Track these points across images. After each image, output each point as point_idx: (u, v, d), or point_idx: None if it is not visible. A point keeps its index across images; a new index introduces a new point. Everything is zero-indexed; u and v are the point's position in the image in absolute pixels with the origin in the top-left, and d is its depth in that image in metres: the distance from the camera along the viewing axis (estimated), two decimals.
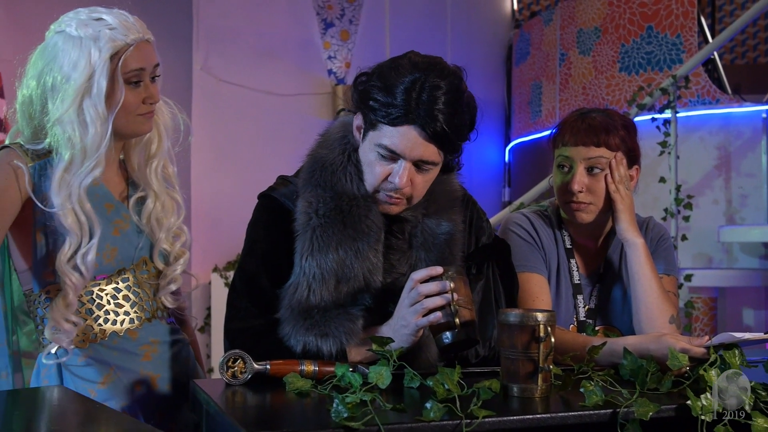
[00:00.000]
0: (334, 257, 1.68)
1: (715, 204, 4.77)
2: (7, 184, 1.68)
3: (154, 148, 1.88)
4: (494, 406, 1.36)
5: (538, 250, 2.04)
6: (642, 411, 1.38)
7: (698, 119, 4.87)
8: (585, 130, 2.01)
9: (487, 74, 6.53)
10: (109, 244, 1.76)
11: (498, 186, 6.55)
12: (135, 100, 1.74)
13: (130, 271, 1.81)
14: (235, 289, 1.77)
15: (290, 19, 5.85)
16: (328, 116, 5.85)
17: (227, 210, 5.31)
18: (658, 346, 1.68)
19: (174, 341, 1.87)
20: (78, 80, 1.67)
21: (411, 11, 6.28)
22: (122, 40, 1.69)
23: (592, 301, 2.07)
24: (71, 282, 1.68)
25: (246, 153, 5.54)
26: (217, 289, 5.26)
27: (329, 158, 1.74)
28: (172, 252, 1.88)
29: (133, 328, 1.79)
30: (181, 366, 1.87)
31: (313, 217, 1.69)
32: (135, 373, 1.78)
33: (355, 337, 1.67)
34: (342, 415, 1.27)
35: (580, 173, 2.00)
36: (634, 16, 5.24)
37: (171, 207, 1.89)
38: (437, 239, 1.77)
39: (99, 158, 1.70)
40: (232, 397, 1.50)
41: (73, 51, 1.68)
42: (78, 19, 1.70)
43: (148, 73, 1.75)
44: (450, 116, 1.62)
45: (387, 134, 1.64)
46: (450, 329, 1.57)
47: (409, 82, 1.61)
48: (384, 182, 1.69)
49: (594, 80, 5.45)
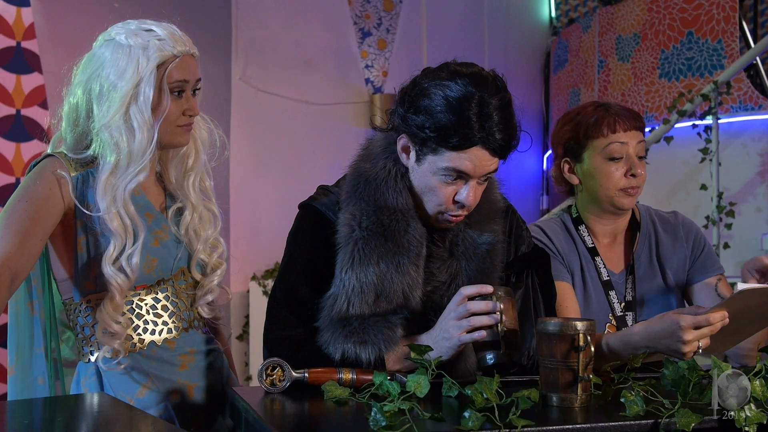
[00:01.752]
0: (374, 270, 1.68)
1: (758, 211, 4.69)
2: (49, 193, 1.71)
3: (191, 162, 1.91)
4: (533, 415, 1.35)
5: (555, 257, 2.05)
6: (684, 422, 1.36)
7: (740, 125, 4.80)
8: (630, 117, 2.07)
9: (524, 82, 6.50)
10: (149, 255, 1.78)
11: (536, 194, 6.51)
12: (176, 111, 1.77)
13: (169, 281, 1.83)
14: (274, 298, 1.78)
15: (328, 28, 5.89)
16: (366, 125, 5.86)
17: (266, 219, 5.35)
18: (664, 324, 1.68)
19: (209, 351, 1.89)
20: (125, 87, 1.70)
21: (448, 19, 6.27)
22: (170, 51, 1.73)
23: (629, 294, 2.07)
24: (117, 284, 1.71)
25: (284, 162, 5.58)
26: (256, 298, 5.30)
27: (372, 172, 1.74)
28: (209, 263, 1.91)
29: (171, 338, 1.81)
30: (216, 375, 1.89)
31: (356, 230, 1.69)
32: (172, 382, 1.80)
33: (393, 344, 1.67)
34: (380, 423, 1.27)
35: (635, 158, 2.06)
36: (674, 22, 5.19)
37: (208, 219, 1.92)
38: (478, 249, 1.76)
39: (144, 164, 1.73)
40: (270, 405, 1.51)
41: (121, 59, 1.72)
42: (128, 29, 1.74)
43: (190, 86, 1.78)
44: (508, 128, 1.64)
45: (452, 158, 1.64)
46: (494, 349, 1.56)
47: (464, 103, 1.61)
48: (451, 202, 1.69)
49: (633, 87, 5.40)
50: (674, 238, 2.14)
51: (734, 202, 4.46)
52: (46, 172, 1.73)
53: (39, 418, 1.45)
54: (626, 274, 2.10)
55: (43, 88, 4.29)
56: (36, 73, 4.36)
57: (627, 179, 2.04)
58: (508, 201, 1.88)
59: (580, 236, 2.11)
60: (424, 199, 1.71)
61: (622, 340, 1.77)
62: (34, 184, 1.71)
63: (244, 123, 5.47)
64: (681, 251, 2.13)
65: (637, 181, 2.04)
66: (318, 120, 5.73)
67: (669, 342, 1.67)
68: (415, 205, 1.73)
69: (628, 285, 2.08)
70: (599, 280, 2.07)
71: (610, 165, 2.04)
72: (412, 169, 1.72)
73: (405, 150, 1.72)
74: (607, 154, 2.03)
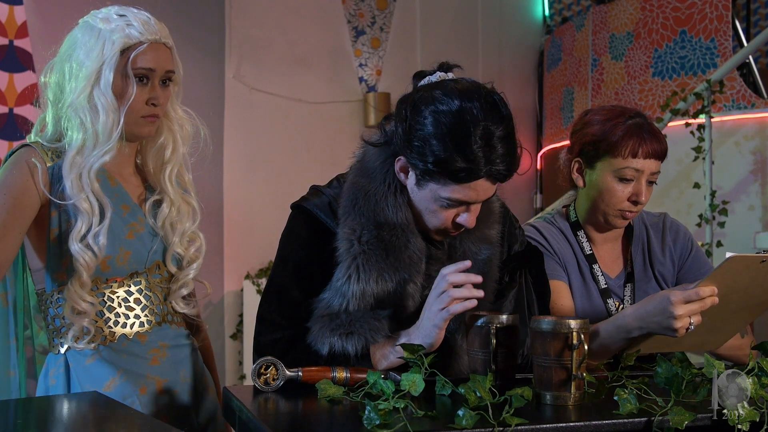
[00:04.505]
0: (373, 287, 1.66)
1: (751, 210, 4.71)
2: (26, 184, 1.71)
3: (169, 154, 1.88)
4: (527, 413, 1.35)
5: (551, 256, 2.04)
6: (677, 420, 1.36)
7: (733, 124, 4.81)
8: (653, 142, 1.99)
9: (518, 80, 6.50)
10: (122, 247, 1.77)
11: (529, 192, 6.52)
12: (140, 99, 1.75)
13: (143, 274, 1.81)
14: (266, 300, 1.77)
15: (321, 27, 5.89)
16: (359, 124, 5.87)
17: (259, 217, 5.34)
18: (654, 302, 1.69)
19: (182, 346, 1.88)
20: (89, 68, 1.71)
21: (442, 18, 6.28)
22: (136, 37, 1.72)
23: (627, 301, 2.06)
24: (84, 261, 1.70)
25: (278, 160, 5.57)
26: (249, 296, 5.29)
27: (371, 188, 1.71)
28: (185, 256, 1.89)
29: (143, 331, 1.80)
30: (189, 372, 1.87)
31: (355, 244, 1.67)
32: (142, 376, 1.78)
33: (380, 334, 1.66)
34: (374, 422, 1.27)
35: (643, 184, 2.00)
36: (668, 21, 5.20)
37: (187, 212, 1.90)
38: (479, 254, 1.76)
39: (111, 145, 1.73)
40: (264, 404, 1.51)
41: (90, 41, 1.73)
42: (103, 14, 1.76)
43: (158, 76, 1.77)
44: (511, 158, 1.61)
45: (455, 190, 1.61)
46: (484, 374, 1.55)
47: (468, 136, 1.56)
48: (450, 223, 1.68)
49: (627, 85, 5.41)
50: (663, 242, 2.13)
51: (727, 201, 4.47)
52: (21, 162, 1.72)
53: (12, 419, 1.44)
54: (624, 278, 2.10)
55: (35, 87, 4.27)
56: (29, 72, 4.36)
57: (629, 203, 2.01)
58: (502, 200, 1.87)
59: (579, 242, 2.09)
60: (423, 217, 1.70)
61: (614, 324, 1.77)
62: (10, 175, 1.71)
63: (238, 121, 5.46)
64: (669, 255, 2.12)
65: (637, 207, 2.01)
66: (312, 118, 5.73)
67: (660, 319, 1.67)
68: (415, 219, 1.72)
69: (627, 292, 2.08)
70: (597, 288, 2.06)
71: (618, 184, 2.00)
72: (411, 190, 1.69)
73: (404, 170, 1.69)
74: (619, 175, 1.99)
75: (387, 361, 1.66)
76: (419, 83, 1.69)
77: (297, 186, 2.06)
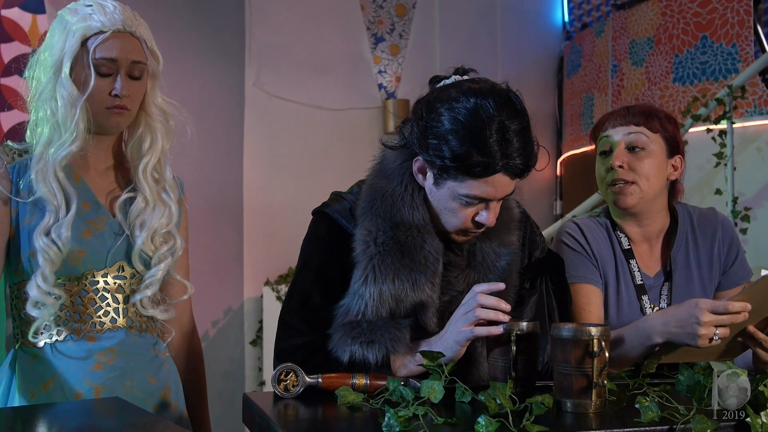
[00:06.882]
0: (390, 287, 1.67)
1: None
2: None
3: (146, 147, 1.83)
4: (547, 421, 1.35)
5: (589, 259, 2.01)
6: (700, 428, 1.35)
7: (755, 129, 4.77)
8: (624, 115, 2.01)
9: (537, 86, 6.49)
10: (76, 246, 1.72)
11: (549, 199, 6.49)
12: (101, 90, 1.72)
13: (100, 274, 1.77)
14: (288, 306, 1.78)
15: (341, 34, 5.90)
16: (379, 130, 5.87)
17: (279, 224, 5.36)
18: (682, 306, 1.68)
19: (139, 354, 1.80)
20: (52, 59, 1.71)
21: (461, 25, 6.28)
22: (95, 27, 1.70)
23: (663, 301, 2.03)
24: (48, 256, 1.68)
25: (297, 167, 5.59)
26: (269, 303, 5.30)
27: (388, 189, 1.72)
28: (153, 255, 1.81)
29: (92, 333, 1.74)
30: (138, 383, 1.78)
31: (371, 245, 1.68)
32: (78, 381, 1.71)
33: (401, 344, 1.65)
34: (394, 429, 1.27)
35: (620, 149, 1.99)
36: (688, 26, 5.17)
37: (161, 210, 1.83)
38: (498, 262, 1.75)
39: (75, 136, 1.70)
40: (284, 410, 1.51)
41: (57, 32, 1.73)
42: (74, 5, 1.75)
43: (122, 67, 1.73)
44: (528, 151, 1.62)
45: (473, 186, 1.62)
46: (504, 381, 1.55)
47: (483, 130, 1.58)
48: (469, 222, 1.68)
49: (647, 91, 5.38)
50: (712, 238, 2.07)
51: (749, 207, 4.43)
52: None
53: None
54: (663, 278, 2.06)
55: None
56: None
57: (609, 173, 1.99)
58: (523, 207, 1.87)
59: (617, 238, 2.06)
60: (442, 217, 1.70)
61: (636, 327, 1.76)
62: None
63: (258, 128, 5.49)
64: (718, 253, 2.07)
65: (619, 174, 1.97)
66: (331, 125, 5.74)
67: (685, 324, 1.66)
68: (432, 220, 1.72)
69: (664, 291, 2.04)
70: (633, 284, 2.04)
71: (599, 161, 2.03)
72: (429, 190, 1.70)
73: (421, 171, 1.70)
74: (599, 150, 2.03)
75: (407, 370, 1.66)
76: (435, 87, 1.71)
77: (316, 193, 2.06)
